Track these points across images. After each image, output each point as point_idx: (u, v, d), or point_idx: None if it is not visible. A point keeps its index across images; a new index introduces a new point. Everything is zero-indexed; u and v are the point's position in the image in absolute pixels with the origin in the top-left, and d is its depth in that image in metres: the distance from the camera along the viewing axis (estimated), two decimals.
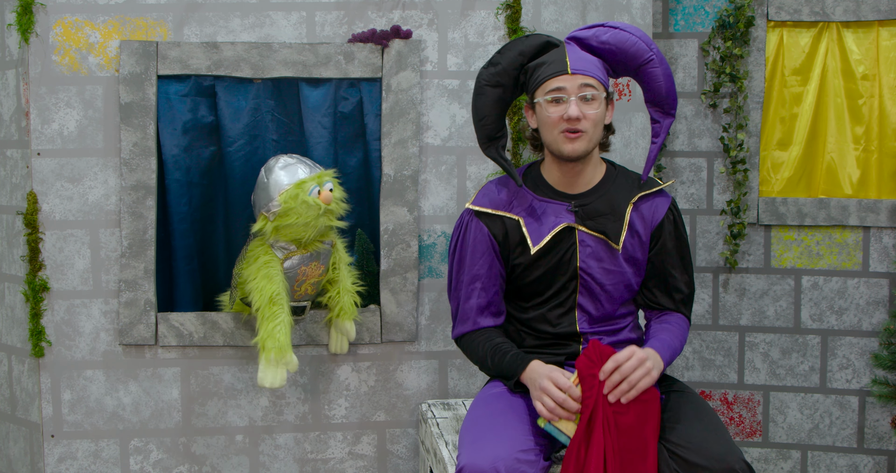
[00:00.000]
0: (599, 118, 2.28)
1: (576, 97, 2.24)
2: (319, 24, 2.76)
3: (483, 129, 2.36)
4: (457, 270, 2.41)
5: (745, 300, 3.41)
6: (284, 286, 2.59)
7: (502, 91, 2.33)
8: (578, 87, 2.24)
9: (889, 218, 3.28)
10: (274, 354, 2.52)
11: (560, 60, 2.26)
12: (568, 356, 2.38)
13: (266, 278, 2.57)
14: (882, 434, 3.33)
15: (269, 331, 2.53)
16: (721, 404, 3.45)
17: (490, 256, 2.37)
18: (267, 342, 2.53)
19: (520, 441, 2.13)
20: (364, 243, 2.92)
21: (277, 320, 2.54)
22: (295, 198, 2.52)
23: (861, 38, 3.31)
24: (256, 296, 2.56)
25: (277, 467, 2.86)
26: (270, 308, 2.54)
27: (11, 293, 2.87)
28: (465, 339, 2.42)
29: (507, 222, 2.37)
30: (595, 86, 2.26)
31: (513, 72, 2.32)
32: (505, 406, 2.26)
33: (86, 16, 2.71)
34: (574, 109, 2.23)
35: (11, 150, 2.83)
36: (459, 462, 2.11)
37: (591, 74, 2.26)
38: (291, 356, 2.55)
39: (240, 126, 2.82)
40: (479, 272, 2.38)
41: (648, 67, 2.29)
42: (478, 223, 2.38)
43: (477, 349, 2.38)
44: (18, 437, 2.89)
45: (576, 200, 2.35)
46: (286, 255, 2.62)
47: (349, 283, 2.73)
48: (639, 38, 2.28)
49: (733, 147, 3.35)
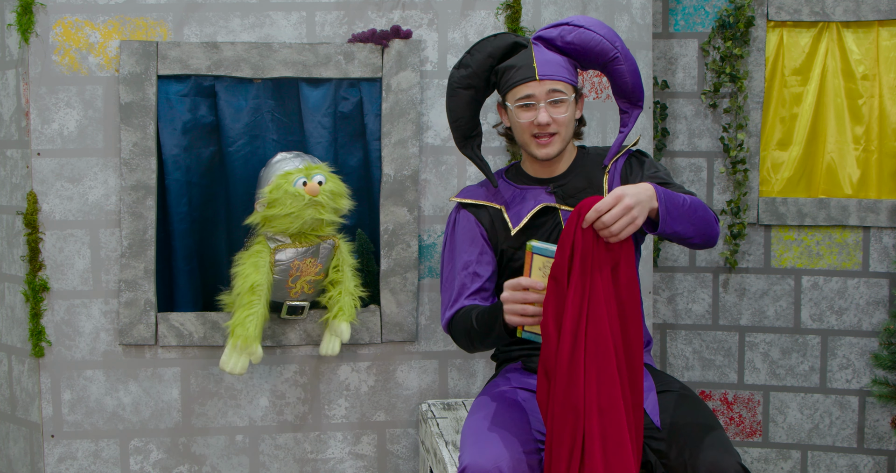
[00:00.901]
0: (569, 119, 2.33)
1: (545, 102, 2.29)
2: (319, 24, 2.76)
3: (458, 129, 2.42)
4: (448, 260, 2.44)
5: (745, 300, 3.41)
6: (268, 279, 2.61)
7: (474, 92, 2.39)
8: (547, 92, 2.29)
9: (889, 218, 3.28)
10: (241, 342, 2.57)
11: (528, 66, 2.30)
12: None
13: (253, 266, 2.60)
14: (882, 434, 3.33)
15: (240, 319, 2.57)
16: (721, 404, 3.45)
17: (480, 242, 2.40)
18: (237, 329, 2.57)
19: (522, 441, 2.13)
20: (364, 243, 2.92)
21: (252, 310, 2.57)
22: (278, 188, 2.55)
23: (861, 38, 3.31)
24: (239, 281, 2.59)
25: (277, 467, 2.86)
26: (249, 297, 2.58)
27: (11, 293, 2.87)
28: (453, 321, 2.37)
29: (490, 210, 2.42)
30: (563, 90, 2.30)
31: (483, 74, 2.37)
32: (507, 407, 2.26)
33: (86, 16, 2.71)
34: (544, 115, 2.28)
35: (11, 150, 2.83)
36: (462, 462, 2.11)
37: (558, 77, 2.29)
38: (257, 347, 2.59)
39: (240, 126, 2.82)
40: (469, 259, 2.40)
41: (614, 64, 2.32)
42: (465, 214, 2.43)
43: (462, 321, 2.32)
44: (18, 437, 2.89)
45: (553, 182, 2.40)
46: (277, 246, 2.63)
47: (352, 285, 2.73)
48: (602, 37, 2.30)
49: (733, 147, 3.35)
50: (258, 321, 2.58)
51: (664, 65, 3.43)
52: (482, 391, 2.41)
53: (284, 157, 2.64)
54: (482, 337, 2.26)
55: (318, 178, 2.59)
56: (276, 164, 2.62)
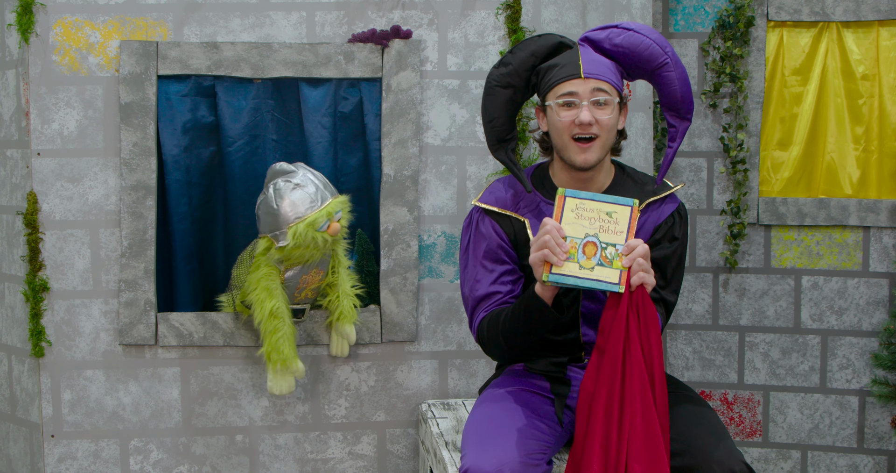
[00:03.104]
0: (612, 124, 2.22)
1: (588, 102, 2.18)
2: (319, 24, 2.76)
3: (493, 131, 2.29)
4: (471, 267, 2.33)
5: (745, 299, 3.41)
6: (284, 299, 2.63)
7: (513, 92, 2.27)
8: (591, 91, 2.19)
9: (889, 218, 3.28)
10: (280, 365, 2.62)
11: (573, 63, 2.20)
12: (571, 360, 2.36)
13: (266, 290, 2.60)
14: (882, 434, 3.33)
15: (273, 344, 2.61)
16: (721, 404, 3.45)
17: (504, 247, 2.31)
18: (272, 354, 2.61)
19: (525, 444, 2.11)
20: (364, 243, 2.92)
21: (280, 333, 2.61)
22: (304, 236, 2.54)
23: (861, 38, 3.31)
24: (257, 309, 2.61)
25: (277, 467, 2.86)
26: (272, 322, 2.60)
27: (11, 293, 2.87)
28: (484, 321, 2.28)
29: (514, 222, 2.32)
30: (608, 91, 2.20)
31: (524, 73, 2.26)
32: (510, 408, 2.24)
33: (86, 16, 2.71)
34: (586, 113, 2.18)
35: (11, 150, 2.83)
36: (464, 463, 2.09)
37: (604, 78, 2.19)
38: (297, 364, 2.64)
39: (240, 126, 2.82)
40: (494, 257, 2.31)
41: (663, 70, 2.22)
42: (489, 220, 2.32)
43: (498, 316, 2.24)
44: (18, 437, 2.89)
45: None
46: (287, 266, 2.64)
47: (348, 287, 2.74)
48: (653, 41, 2.21)
49: (733, 147, 3.35)
50: (289, 341, 2.62)
51: None
52: (483, 392, 2.40)
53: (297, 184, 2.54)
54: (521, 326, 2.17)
55: (338, 215, 2.59)
56: (290, 195, 2.53)
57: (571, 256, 2.07)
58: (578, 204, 2.08)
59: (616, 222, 2.07)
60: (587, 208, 2.08)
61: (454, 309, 2.87)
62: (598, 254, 2.08)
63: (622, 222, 2.07)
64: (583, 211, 2.08)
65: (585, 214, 2.08)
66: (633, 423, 2.02)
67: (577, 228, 2.08)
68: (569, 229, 2.08)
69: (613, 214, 2.07)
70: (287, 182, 2.55)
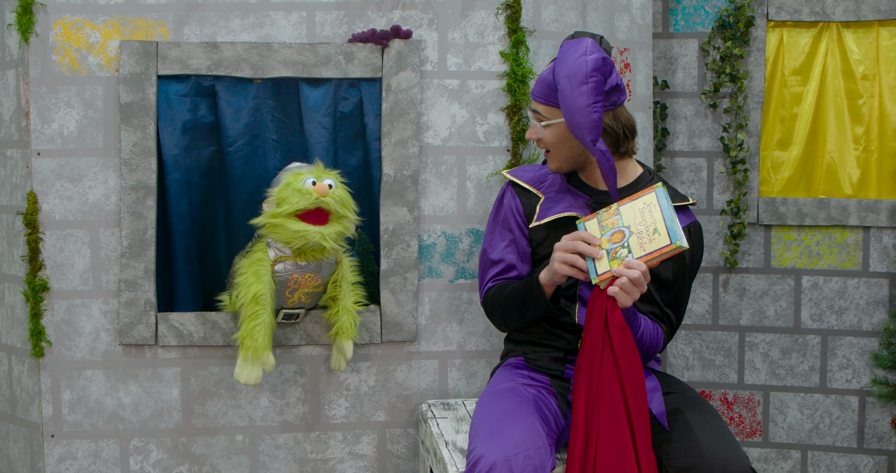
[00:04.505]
0: (555, 139, 2.36)
1: (534, 120, 2.39)
2: (319, 24, 2.76)
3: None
4: (490, 235, 2.52)
5: (745, 299, 3.41)
6: (271, 287, 2.60)
7: None
8: (532, 112, 2.40)
9: (889, 218, 3.28)
10: (251, 353, 2.56)
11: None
12: (567, 352, 2.39)
13: (255, 275, 2.58)
14: (882, 434, 3.33)
15: (249, 330, 2.57)
16: (721, 404, 3.45)
17: (518, 219, 2.47)
18: (246, 340, 2.57)
19: (533, 437, 2.14)
20: (364, 243, 2.92)
21: (259, 320, 2.57)
22: (287, 186, 2.54)
23: (861, 38, 3.31)
24: (242, 291, 2.59)
25: (277, 467, 2.86)
26: (253, 307, 2.57)
27: (11, 293, 2.87)
28: (492, 290, 2.47)
29: (532, 197, 2.48)
30: (541, 111, 2.36)
31: None
32: (518, 402, 2.27)
33: (86, 16, 2.71)
34: (530, 130, 2.41)
35: (11, 150, 2.83)
36: (474, 453, 2.10)
37: (540, 100, 2.36)
38: (268, 356, 2.59)
39: (240, 126, 2.82)
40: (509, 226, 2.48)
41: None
42: (512, 192, 2.51)
43: (497, 295, 2.44)
44: (18, 437, 2.89)
45: (598, 196, 2.40)
46: (277, 257, 2.61)
47: (350, 302, 2.72)
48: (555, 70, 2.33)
49: (733, 147, 3.35)
50: (266, 331, 2.57)
51: (664, 65, 3.43)
52: (488, 386, 2.43)
53: (296, 166, 2.63)
54: (518, 306, 2.37)
55: (328, 181, 2.58)
56: (286, 171, 2.62)
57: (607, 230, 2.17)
58: (651, 203, 2.15)
59: (651, 241, 2.11)
60: (652, 213, 2.14)
61: (454, 309, 2.87)
62: (615, 245, 2.15)
63: (653, 245, 2.10)
64: (648, 210, 2.14)
65: (646, 214, 2.14)
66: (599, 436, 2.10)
67: (630, 216, 2.16)
68: (625, 210, 2.18)
69: (656, 233, 2.11)
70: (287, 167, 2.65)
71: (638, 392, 2.09)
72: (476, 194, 2.84)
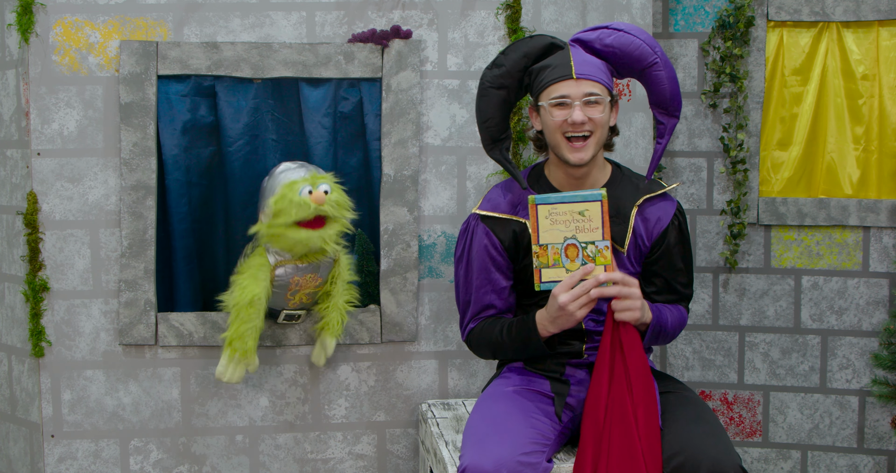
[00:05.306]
0: (604, 122, 2.27)
1: (580, 102, 2.23)
2: (319, 24, 2.76)
3: (487, 131, 2.34)
4: (464, 276, 2.41)
5: (745, 299, 3.41)
6: (267, 292, 2.60)
7: (506, 93, 2.32)
8: (583, 93, 2.23)
9: (889, 218, 3.28)
10: (239, 355, 2.59)
11: (565, 64, 2.25)
12: (571, 356, 2.38)
13: (253, 278, 2.58)
14: (882, 434, 3.33)
15: (239, 332, 2.58)
16: (721, 404, 3.45)
17: (498, 260, 2.37)
18: (235, 342, 2.58)
19: (523, 443, 2.13)
20: (364, 243, 2.92)
21: (251, 324, 2.58)
22: (283, 198, 2.51)
23: (861, 38, 3.31)
24: (237, 292, 2.58)
25: (277, 467, 2.86)
26: (247, 310, 2.57)
27: (11, 293, 2.87)
28: (475, 330, 2.41)
29: (514, 225, 2.36)
30: (598, 91, 2.25)
31: (517, 74, 2.31)
32: (509, 407, 2.26)
33: (86, 16, 2.71)
34: (578, 113, 2.22)
35: (11, 150, 2.83)
36: (462, 462, 2.11)
37: (595, 78, 2.24)
38: (254, 358, 2.63)
39: (240, 126, 2.82)
40: (488, 277, 2.38)
41: (653, 70, 2.28)
42: (483, 228, 2.37)
43: (484, 334, 2.38)
44: (18, 437, 2.89)
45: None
46: (278, 262, 2.61)
47: (341, 301, 2.72)
48: (643, 42, 2.27)
49: (733, 147, 3.35)
50: (256, 335, 2.60)
51: None
52: (484, 391, 2.41)
53: (288, 167, 2.58)
54: (516, 351, 2.35)
55: (324, 187, 2.56)
56: (281, 174, 2.57)
57: (556, 262, 2.16)
58: (551, 210, 2.16)
59: (590, 220, 2.14)
60: (559, 211, 2.15)
61: (454, 309, 2.87)
62: (580, 254, 2.15)
63: (595, 219, 2.14)
64: (556, 216, 2.15)
65: (559, 217, 2.15)
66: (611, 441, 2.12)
67: (555, 233, 2.16)
68: (547, 235, 2.16)
69: (585, 212, 2.14)
70: (277, 167, 2.62)
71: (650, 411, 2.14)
72: (476, 194, 2.84)
